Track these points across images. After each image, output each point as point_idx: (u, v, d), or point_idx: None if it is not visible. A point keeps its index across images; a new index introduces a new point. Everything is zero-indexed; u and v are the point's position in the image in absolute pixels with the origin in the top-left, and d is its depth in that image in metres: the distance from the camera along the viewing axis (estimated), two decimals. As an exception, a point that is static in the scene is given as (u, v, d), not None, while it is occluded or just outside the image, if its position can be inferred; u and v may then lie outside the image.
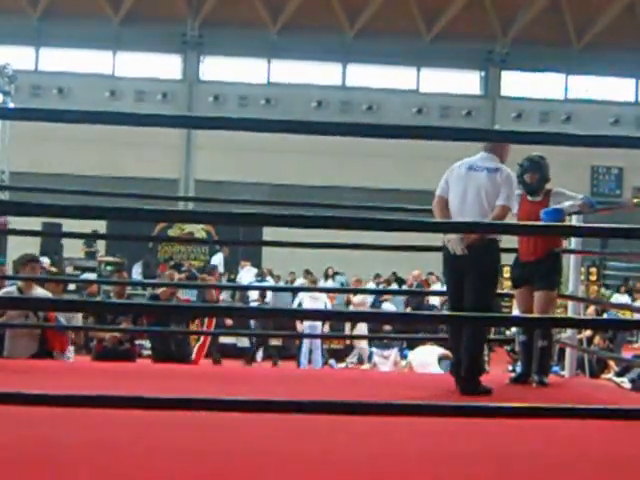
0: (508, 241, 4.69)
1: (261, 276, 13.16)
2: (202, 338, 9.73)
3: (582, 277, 11.31)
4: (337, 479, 2.40)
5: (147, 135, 17.98)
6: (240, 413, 2.62)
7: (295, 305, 10.40)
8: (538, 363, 4.51)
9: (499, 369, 9.31)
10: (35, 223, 5.00)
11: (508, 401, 3.66)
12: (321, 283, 12.47)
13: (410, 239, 4.52)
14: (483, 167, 4.20)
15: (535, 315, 4.37)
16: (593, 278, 13.16)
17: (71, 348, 6.55)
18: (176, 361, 5.97)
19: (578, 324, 4.93)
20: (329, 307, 10.25)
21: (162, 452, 2.64)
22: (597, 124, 20.55)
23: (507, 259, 4.97)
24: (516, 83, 22.59)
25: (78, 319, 6.66)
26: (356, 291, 15.03)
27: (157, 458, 2.57)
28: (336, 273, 16.69)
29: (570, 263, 5.31)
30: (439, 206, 4.23)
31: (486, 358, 7.99)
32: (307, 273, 13.01)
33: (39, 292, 5.71)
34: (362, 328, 9.97)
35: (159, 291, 6.72)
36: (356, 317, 7.11)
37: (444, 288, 4.72)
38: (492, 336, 7.54)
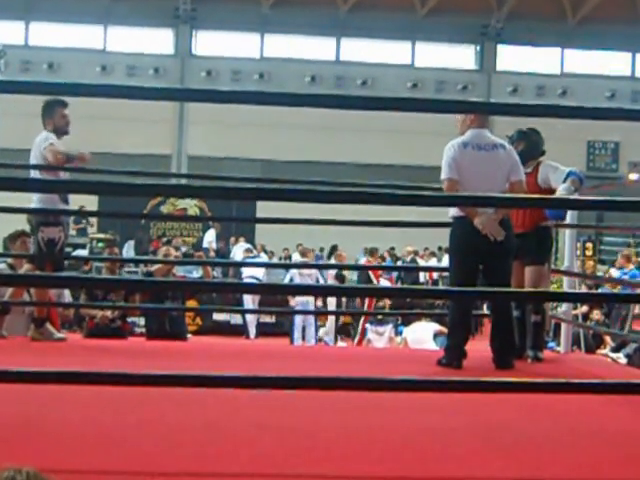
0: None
1: (252, 252, 13.06)
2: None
3: (578, 252, 11.30)
4: (334, 452, 2.38)
5: (138, 110, 17.87)
6: (234, 389, 2.59)
7: (286, 281, 10.35)
8: (532, 338, 4.50)
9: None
10: (27, 200, 4.91)
11: (504, 376, 3.66)
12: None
13: (404, 215, 4.49)
14: (491, 145, 4.14)
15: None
16: (589, 253, 13.13)
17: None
18: (171, 339, 5.94)
19: (570, 298, 4.92)
20: (322, 282, 10.20)
21: (154, 428, 2.62)
22: (593, 98, 20.45)
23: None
24: (512, 57, 22.43)
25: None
26: (350, 267, 14.94)
27: (149, 434, 2.54)
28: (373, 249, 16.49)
29: (565, 238, 5.27)
30: (455, 191, 4.01)
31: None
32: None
33: (29, 269, 5.63)
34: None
35: (154, 268, 6.65)
36: (356, 292, 7.02)
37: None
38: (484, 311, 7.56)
